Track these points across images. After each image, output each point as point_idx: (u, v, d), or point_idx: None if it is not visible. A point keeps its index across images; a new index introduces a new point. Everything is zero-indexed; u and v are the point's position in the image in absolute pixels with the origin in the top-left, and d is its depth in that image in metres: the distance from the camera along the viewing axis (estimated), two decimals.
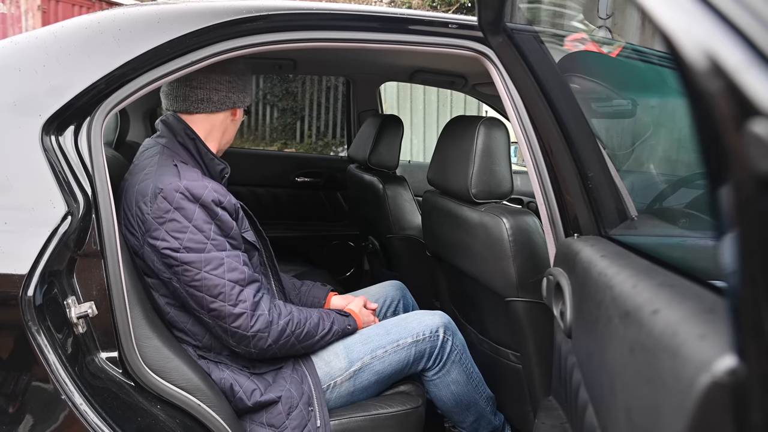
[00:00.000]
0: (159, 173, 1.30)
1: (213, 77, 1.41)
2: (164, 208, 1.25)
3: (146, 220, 1.27)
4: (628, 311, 0.77)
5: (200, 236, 1.26)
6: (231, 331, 1.29)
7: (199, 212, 1.27)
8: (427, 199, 1.98)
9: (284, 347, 1.37)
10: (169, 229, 1.25)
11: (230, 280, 1.27)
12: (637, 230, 1.19)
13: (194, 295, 1.27)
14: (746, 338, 0.49)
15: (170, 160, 1.34)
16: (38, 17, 7.24)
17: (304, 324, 1.40)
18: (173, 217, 1.25)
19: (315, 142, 7.04)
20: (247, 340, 1.31)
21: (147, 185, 1.29)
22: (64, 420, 1.00)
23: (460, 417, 1.65)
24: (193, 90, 1.41)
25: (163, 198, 1.25)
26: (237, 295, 1.28)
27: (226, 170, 1.46)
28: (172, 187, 1.26)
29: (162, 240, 1.25)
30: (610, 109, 1.63)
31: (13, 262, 0.96)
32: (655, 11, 0.55)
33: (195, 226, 1.26)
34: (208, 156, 1.42)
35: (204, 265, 1.26)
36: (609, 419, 0.82)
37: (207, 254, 1.26)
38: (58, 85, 1.09)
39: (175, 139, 1.40)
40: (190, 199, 1.26)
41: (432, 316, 1.59)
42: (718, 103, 0.46)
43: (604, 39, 1.99)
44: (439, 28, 1.35)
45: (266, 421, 1.36)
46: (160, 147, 1.39)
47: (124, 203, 1.33)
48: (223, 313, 1.28)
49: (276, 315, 1.35)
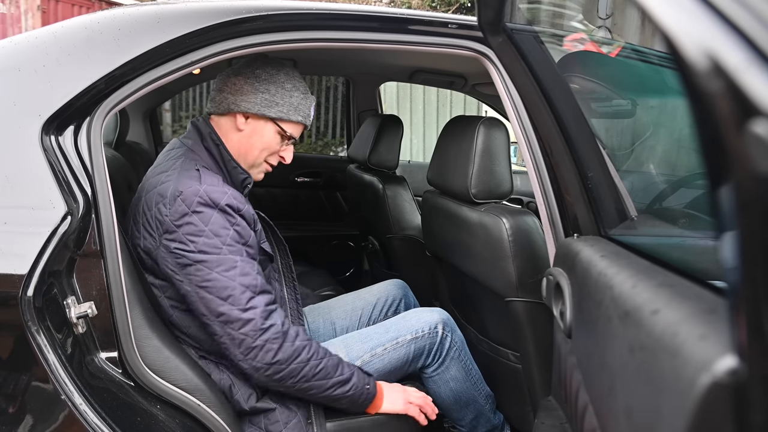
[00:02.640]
0: (180, 176, 1.29)
1: (226, 78, 1.42)
2: (182, 212, 1.24)
3: (164, 221, 1.25)
4: (628, 311, 0.77)
5: (216, 240, 1.24)
6: (239, 339, 1.23)
7: (217, 217, 1.25)
8: (426, 199, 1.98)
9: (294, 374, 1.27)
10: (185, 232, 1.23)
11: (241, 283, 1.23)
12: (636, 230, 1.18)
13: (204, 297, 1.24)
14: (747, 338, 0.49)
15: (193, 164, 1.33)
16: (38, 17, 7.24)
17: (322, 357, 1.30)
18: (190, 221, 1.24)
19: (315, 142, 7.04)
20: (255, 350, 1.23)
21: (167, 187, 1.28)
22: (64, 420, 0.99)
23: (458, 414, 1.65)
24: (213, 90, 1.44)
25: (182, 201, 1.24)
26: (247, 300, 1.23)
27: (248, 180, 1.43)
28: (191, 191, 1.25)
29: (177, 242, 1.24)
30: (610, 109, 1.62)
31: (13, 262, 0.96)
32: (655, 11, 0.55)
33: (211, 230, 1.24)
34: (231, 164, 1.39)
35: (216, 266, 1.23)
36: (609, 419, 0.82)
37: (220, 256, 1.23)
38: (57, 85, 1.09)
39: (201, 143, 1.39)
40: (208, 204, 1.24)
41: (431, 312, 1.59)
42: (718, 104, 0.46)
43: (603, 39, 1.99)
44: (439, 28, 1.35)
45: (264, 426, 1.36)
46: (185, 149, 1.38)
47: (144, 203, 1.31)
48: (231, 317, 1.23)
49: (293, 332, 1.27)
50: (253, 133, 1.42)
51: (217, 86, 1.44)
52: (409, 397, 1.45)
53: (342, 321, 1.76)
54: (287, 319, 1.30)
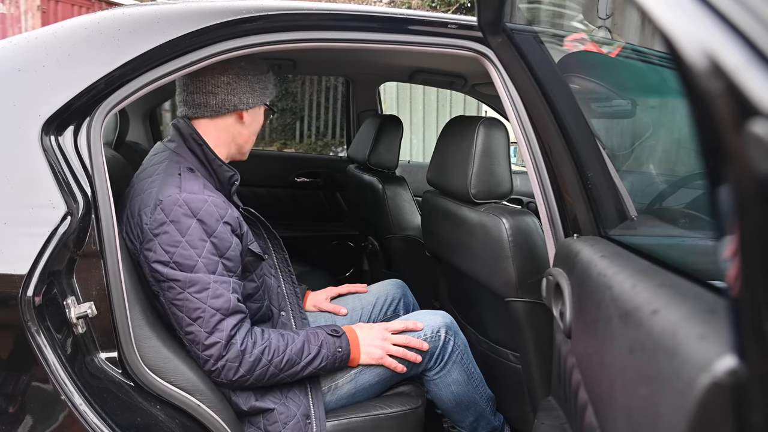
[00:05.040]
0: (162, 183, 1.29)
1: (209, 80, 1.37)
2: (160, 220, 1.24)
3: (144, 230, 1.26)
4: (628, 311, 0.77)
5: (191, 252, 1.23)
6: (203, 358, 1.26)
7: (195, 227, 1.24)
8: (426, 199, 1.98)
9: (262, 378, 1.30)
10: (162, 242, 1.24)
11: (212, 306, 1.24)
12: (636, 230, 1.19)
13: (175, 314, 1.26)
14: (746, 339, 0.49)
15: (176, 168, 1.32)
16: (38, 17, 7.24)
17: (283, 351, 1.32)
18: (167, 230, 1.24)
19: (314, 142, 7.04)
20: (217, 371, 1.26)
21: (150, 195, 1.28)
22: (64, 420, 1.00)
23: (459, 417, 1.65)
24: (191, 95, 1.38)
25: (161, 210, 1.24)
26: (216, 323, 1.24)
27: (235, 177, 1.42)
28: (171, 200, 1.25)
29: (153, 252, 1.24)
30: (610, 110, 1.63)
31: (13, 262, 0.96)
32: (654, 11, 0.55)
33: (188, 241, 1.23)
34: (216, 162, 1.39)
35: (188, 286, 1.23)
36: (608, 420, 0.82)
37: (194, 275, 1.23)
38: (57, 85, 1.09)
39: (184, 144, 1.38)
40: (187, 214, 1.24)
41: (434, 316, 1.59)
42: (717, 104, 0.46)
43: (603, 39, 1.99)
44: (439, 28, 1.35)
45: (263, 426, 1.36)
46: (169, 152, 1.37)
47: (128, 210, 1.31)
48: (198, 338, 1.24)
49: (250, 344, 1.29)
50: (253, 121, 1.47)
51: (199, 88, 1.38)
52: (388, 347, 1.47)
53: (342, 320, 1.76)
54: (248, 330, 1.31)
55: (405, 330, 1.51)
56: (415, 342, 1.49)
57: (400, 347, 1.48)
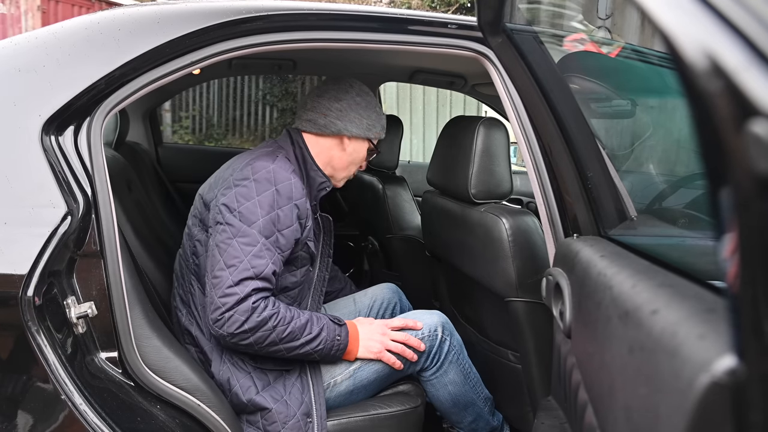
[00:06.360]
0: (259, 154, 1.44)
1: (325, 104, 1.52)
2: (246, 175, 1.37)
3: (228, 180, 1.40)
4: (628, 311, 0.77)
5: (258, 210, 1.33)
6: (215, 304, 1.29)
7: (270, 194, 1.35)
8: (426, 199, 1.98)
9: (261, 341, 1.32)
10: (238, 193, 1.35)
11: (250, 263, 1.30)
12: (636, 230, 1.19)
13: (214, 255, 1.33)
14: (746, 337, 0.49)
15: (275, 153, 1.45)
16: (38, 17, 7.23)
17: (288, 322, 1.34)
18: (247, 185, 1.36)
19: None
20: (222, 320, 1.29)
21: (245, 159, 1.44)
22: (64, 420, 1.00)
23: (457, 417, 1.65)
24: (307, 111, 1.55)
25: (250, 168, 1.38)
26: (244, 278, 1.29)
27: (325, 184, 1.53)
28: (261, 164, 1.39)
29: (226, 197, 1.36)
30: (610, 110, 1.63)
31: (13, 261, 0.97)
32: (654, 11, 0.55)
33: (259, 201, 1.34)
34: (312, 166, 1.51)
35: (240, 235, 1.31)
36: (608, 419, 0.82)
37: (250, 228, 1.32)
38: (57, 85, 1.09)
39: (290, 144, 1.53)
40: (270, 180, 1.36)
41: (430, 315, 1.59)
42: (717, 104, 0.46)
43: (603, 39, 1.99)
44: (439, 28, 1.35)
45: (262, 426, 1.36)
46: (274, 143, 1.54)
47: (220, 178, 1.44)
48: (222, 282, 1.29)
49: (262, 305, 1.32)
50: (353, 152, 1.58)
51: (314, 107, 1.54)
52: (387, 343, 1.48)
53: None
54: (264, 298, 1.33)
55: (404, 327, 1.52)
56: (414, 341, 1.50)
57: (399, 344, 1.49)
